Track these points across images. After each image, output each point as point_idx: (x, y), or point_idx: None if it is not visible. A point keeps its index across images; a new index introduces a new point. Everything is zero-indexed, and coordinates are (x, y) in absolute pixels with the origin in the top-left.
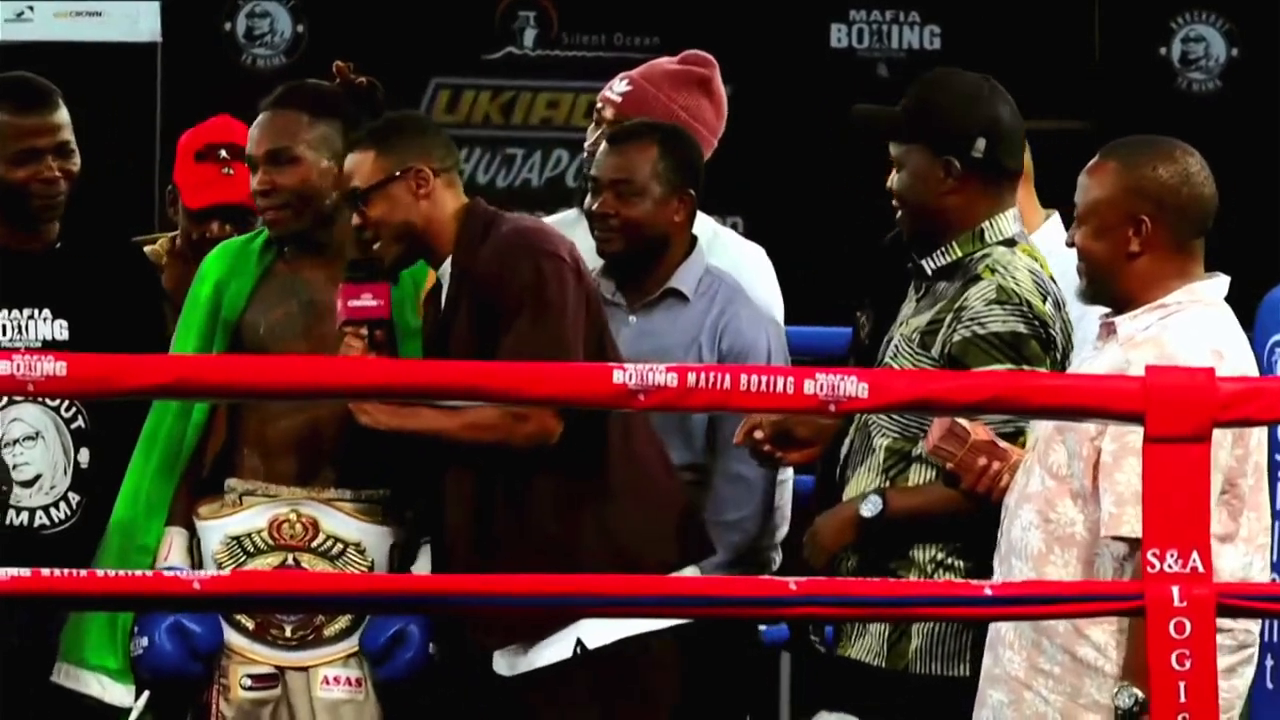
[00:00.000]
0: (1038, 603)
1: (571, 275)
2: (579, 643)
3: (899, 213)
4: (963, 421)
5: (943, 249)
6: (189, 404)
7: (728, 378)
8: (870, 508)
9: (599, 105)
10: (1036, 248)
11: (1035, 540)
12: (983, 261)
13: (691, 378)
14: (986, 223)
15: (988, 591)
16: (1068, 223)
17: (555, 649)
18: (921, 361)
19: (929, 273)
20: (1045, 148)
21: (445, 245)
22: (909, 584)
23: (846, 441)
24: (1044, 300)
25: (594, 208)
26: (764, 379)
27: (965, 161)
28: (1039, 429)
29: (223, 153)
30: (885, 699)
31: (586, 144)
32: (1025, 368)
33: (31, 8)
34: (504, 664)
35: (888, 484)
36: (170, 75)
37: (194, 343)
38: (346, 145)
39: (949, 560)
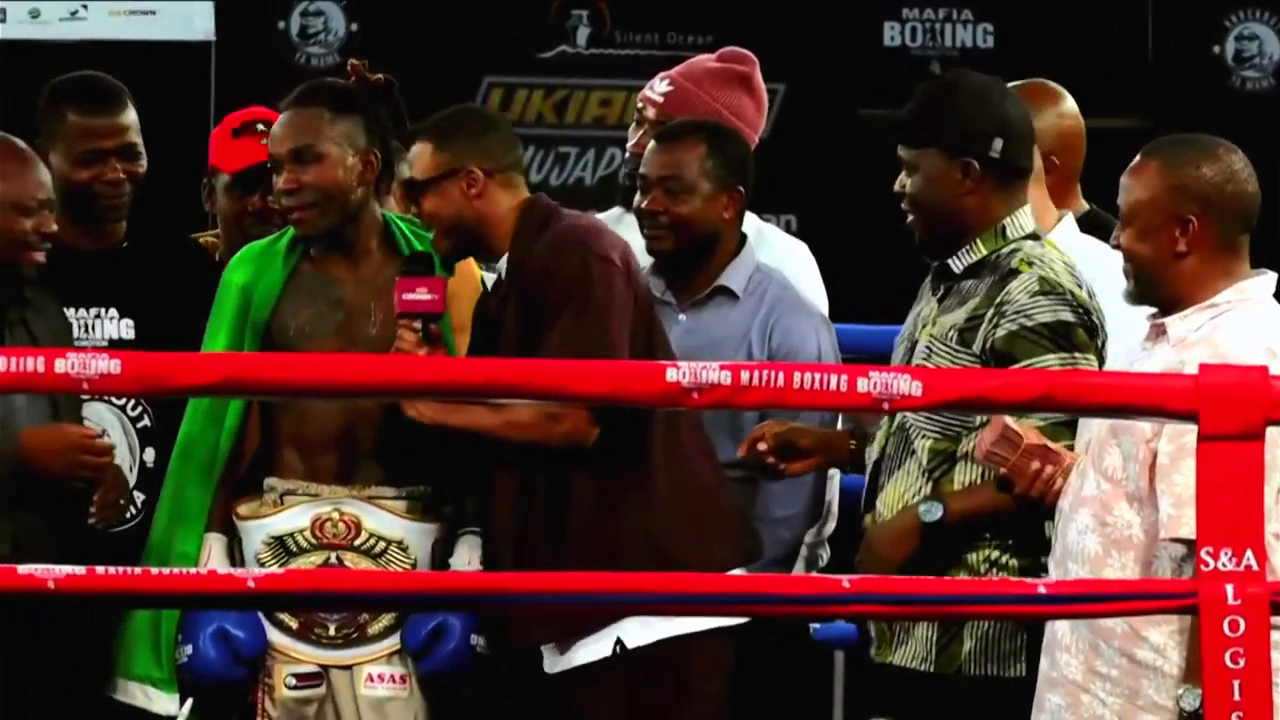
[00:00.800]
0: (1092, 600)
1: (620, 275)
2: (619, 642)
3: (910, 216)
4: (1014, 425)
5: (967, 248)
6: (221, 410)
7: (781, 376)
8: (931, 514)
9: (640, 105)
10: (1056, 243)
11: (1092, 543)
12: (1015, 256)
13: (745, 376)
14: (1007, 220)
15: (1042, 590)
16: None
17: (595, 648)
18: (961, 359)
19: (956, 272)
20: (1100, 146)
21: (501, 241)
22: (964, 582)
23: (879, 445)
24: (1082, 289)
25: (643, 205)
26: (817, 377)
27: (984, 162)
28: (1092, 432)
29: (259, 125)
30: (935, 703)
31: (629, 144)
32: (1076, 355)
33: (85, 6)
34: (548, 660)
35: (930, 486)
36: (224, 74)
37: (224, 345)
38: (377, 138)
39: (1003, 560)
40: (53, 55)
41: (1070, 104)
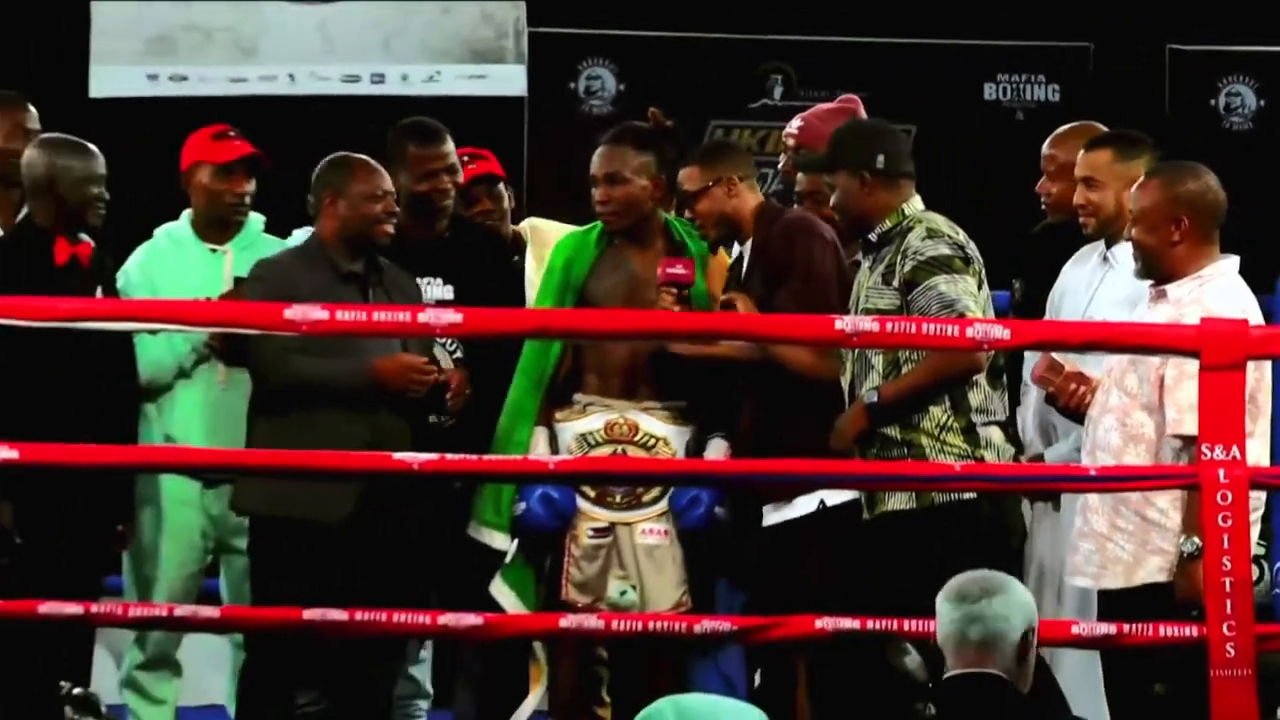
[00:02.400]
0: (1124, 480)
1: (832, 251)
2: (822, 501)
3: (839, 217)
4: (1058, 357)
5: (877, 227)
6: (546, 347)
7: (913, 325)
8: (871, 397)
9: (785, 140)
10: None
11: (1115, 440)
12: (910, 221)
13: (889, 325)
14: (903, 205)
15: (1092, 472)
16: None
17: (806, 505)
18: (886, 295)
19: (874, 241)
20: None
21: (748, 229)
22: (1048, 466)
23: (850, 370)
24: (958, 233)
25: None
26: (937, 326)
27: (872, 172)
28: (1112, 363)
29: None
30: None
31: (780, 167)
32: (956, 277)
33: (439, 71)
34: (768, 517)
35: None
36: (533, 121)
37: (550, 303)
38: (665, 166)
39: (949, 421)
40: (416, 107)
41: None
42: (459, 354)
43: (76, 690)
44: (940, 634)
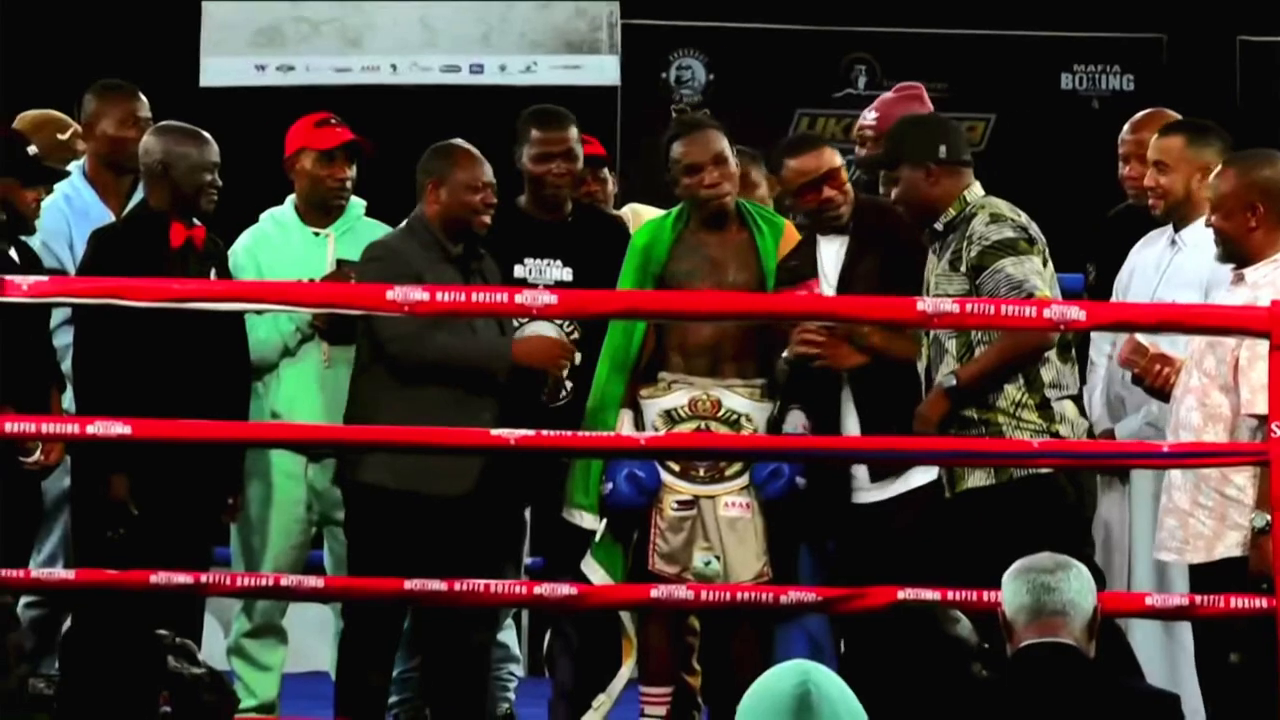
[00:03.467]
0: (1200, 456)
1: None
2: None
3: (904, 209)
4: (1143, 340)
5: (942, 215)
6: (631, 327)
7: (993, 307)
8: (948, 379)
9: (861, 130)
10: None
11: (1196, 419)
12: (973, 207)
13: (969, 306)
14: (964, 192)
15: (1165, 448)
16: None
17: (921, 476)
18: (954, 280)
19: (939, 230)
20: None
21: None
22: (1123, 443)
23: (926, 355)
24: (1020, 216)
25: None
26: (1016, 308)
27: (936, 162)
28: (1193, 346)
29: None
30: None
31: (858, 158)
32: (1021, 258)
33: (536, 62)
34: (861, 494)
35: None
36: (626, 110)
37: (630, 285)
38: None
39: (1024, 398)
40: (513, 97)
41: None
42: (576, 335)
43: (177, 640)
44: (1011, 607)
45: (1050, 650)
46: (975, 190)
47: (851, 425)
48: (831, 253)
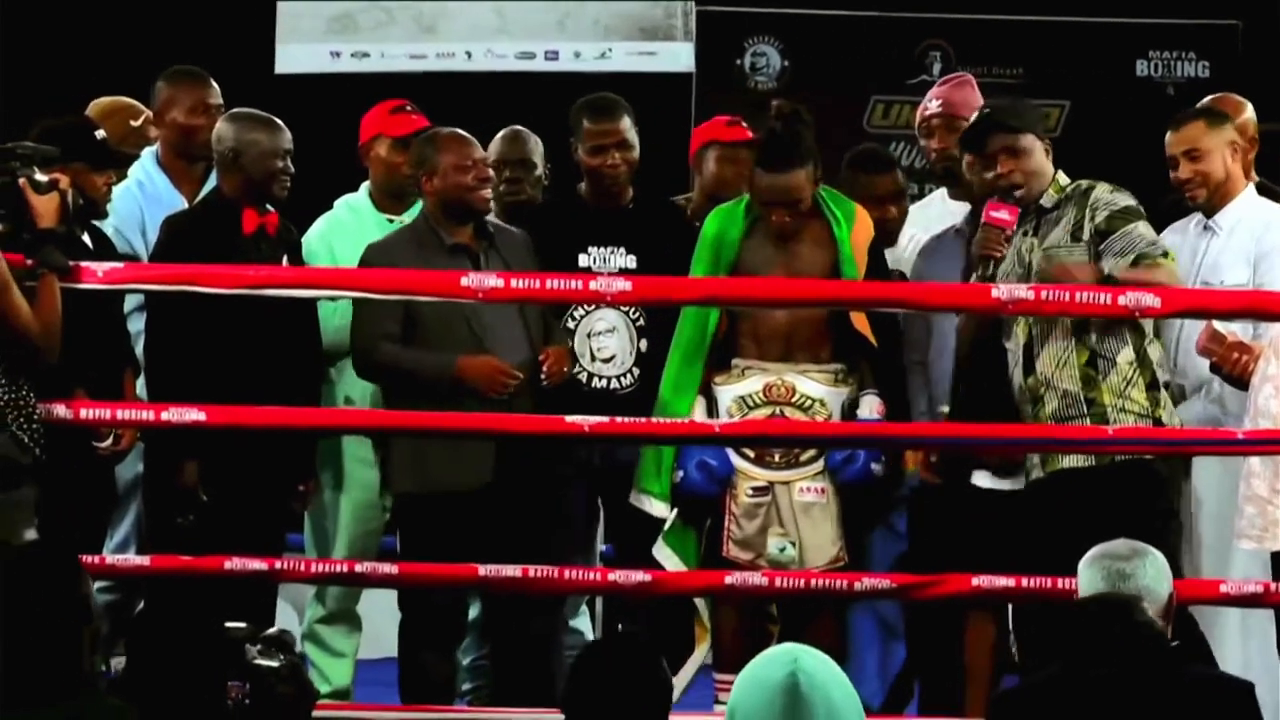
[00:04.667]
0: (1271, 444)
1: None
2: None
3: (1013, 174)
4: (1220, 328)
5: (1045, 194)
6: (704, 314)
7: (1068, 294)
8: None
9: (928, 120)
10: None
11: (1274, 406)
12: (1078, 186)
13: (1044, 293)
14: (1058, 174)
15: (1240, 435)
16: None
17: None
18: (1074, 251)
19: (1045, 206)
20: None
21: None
22: (1198, 430)
23: (1025, 331)
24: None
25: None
26: (1092, 294)
27: (1044, 139)
28: (1274, 332)
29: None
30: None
31: (931, 145)
32: (1145, 222)
33: (611, 49)
34: (981, 479)
35: (1076, 344)
36: (700, 96)
37: (704, 272)
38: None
39: (1134, 376)
40: (587, 84)
41: (1250, 111)
42: (641, 322)
43: (270, 631)
44: (1086, 593)
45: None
46: (1062, 175)
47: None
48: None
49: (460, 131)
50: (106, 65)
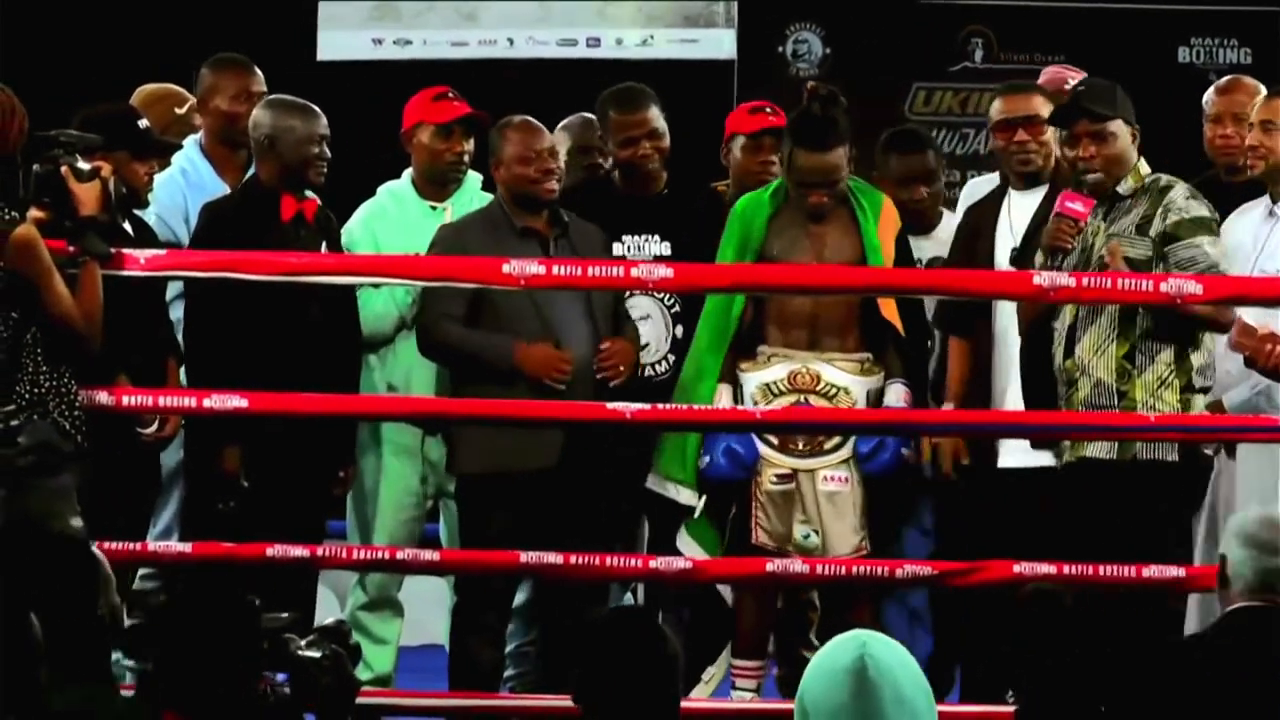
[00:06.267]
0: None
1: None
2: None
3: (1093, 159)
4: (1251, 322)
5: (1124, 182)
6: (729, 301)
7: (1109, 280)
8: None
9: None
10: None
11: None
12: (1157, 180)
13: (1085, 280)
14: (1139, 163)
15: None
16: None
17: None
18: (1137, 244)
19: (1122, 194)
20: None
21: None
22: (1238, 418)
23: (1070, 315)
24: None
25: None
26: (1132, 281)
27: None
28: None
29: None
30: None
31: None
32: (1215, 238)
33: (652, 35)
34: (1009, 458)
35: (1117, 331)
36: (742, 83)
37: (730, 258)
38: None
39: (1169, 376)
40: (629, 70)
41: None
42: (677, 308)
43: (328, 621)
44: (1234, 572)
45: (1261, 611)
46: (1143, 164)
47: (1013, 396)
48: (1025, 206)
49: (529, 121)
50: (151, 53)
